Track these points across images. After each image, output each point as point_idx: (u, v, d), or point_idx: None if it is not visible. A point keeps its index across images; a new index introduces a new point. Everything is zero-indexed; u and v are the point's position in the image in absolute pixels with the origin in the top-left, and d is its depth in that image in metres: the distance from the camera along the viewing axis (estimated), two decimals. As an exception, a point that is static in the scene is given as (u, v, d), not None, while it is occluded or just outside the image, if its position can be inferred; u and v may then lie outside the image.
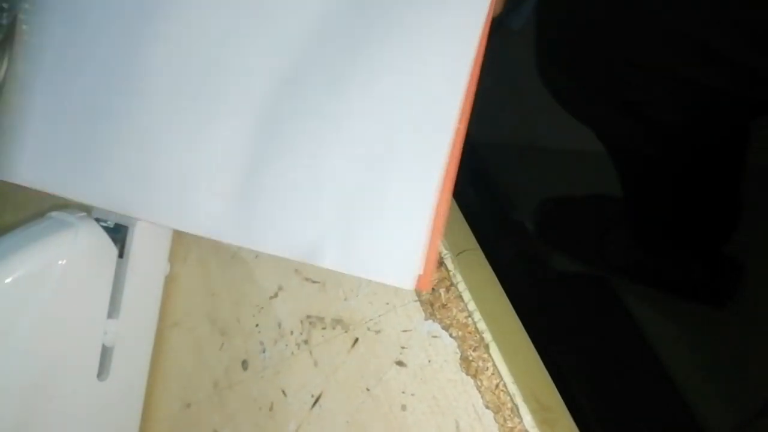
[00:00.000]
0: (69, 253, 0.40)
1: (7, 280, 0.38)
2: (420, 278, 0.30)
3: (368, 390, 0.33)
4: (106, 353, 0.42)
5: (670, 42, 0.47)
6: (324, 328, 0.35)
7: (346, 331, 0.34)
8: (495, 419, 0.29)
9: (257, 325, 0.39)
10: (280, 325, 0.38)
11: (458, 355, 0.30)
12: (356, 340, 0.34)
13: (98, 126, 0.38)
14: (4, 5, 0.67)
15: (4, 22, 0.68)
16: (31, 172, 0.42)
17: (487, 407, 0.29)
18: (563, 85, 0.60)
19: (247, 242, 0.33)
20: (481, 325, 0.30)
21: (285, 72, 0.33)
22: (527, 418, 0.28)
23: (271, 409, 0.37)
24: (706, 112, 0.55)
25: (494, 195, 0.43)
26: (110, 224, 0.42)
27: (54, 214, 0.43)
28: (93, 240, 0.41)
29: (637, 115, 0.57)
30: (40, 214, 0.48)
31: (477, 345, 0.30)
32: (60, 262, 0.40)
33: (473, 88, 0.29)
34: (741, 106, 0.53)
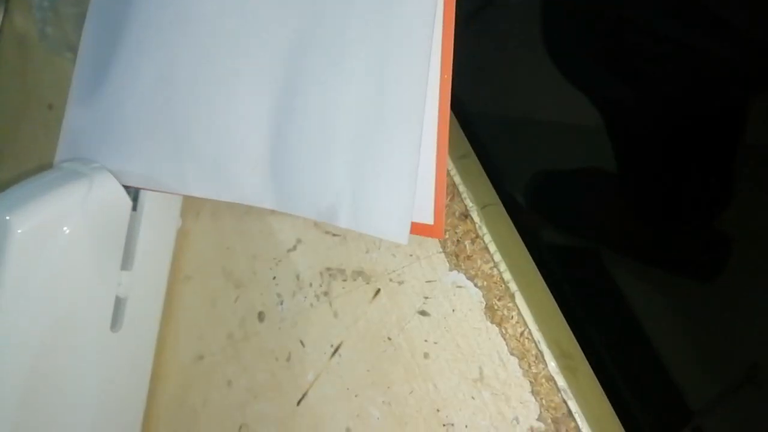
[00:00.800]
0: (83, 205, 0.40)
1: (20, 231, 0.38)
2: (431, 227, 0.31)
3: (390, 339, 0.34)
4: (119, 305, 0.42)
5: (677, 6, 0.48)
6: (345, 280, 0.36)
7: (367, 283, 0.35)
8: (520, 365, 0.29)
9: (274, 278, 0.39)
10: (298, 277, 0.38)
11: (483, 305, 0.31)
12: (378, 290, 0.34)
13: (137, 112, 0.39)
14: (1, -46, 0.65)
15: (1, -28, 0.66)
16: (73, 152, 0.43)
17: (512, 354, 0.30)
18: (566, 51, 0.60)
19: (284, 207, 0.34)
20: (506, 276, 0.30)
21: (291, 42, 0.34)
22: (551, 364, 0.29)
23: (288, 359, 0.38)
24: (707, 83, 0.55)
25: (509, 158, 0.44)
26: (123, 176, 0.42)
27: (66, 164, 0.43)
28: (107, 191, 0.41)
29: (639, 83, 0.58)
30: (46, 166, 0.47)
31: (502, 294, 0.30)
32: (74, 213, 0.40)
33: (450, 38, 0.30)
34: (744, 80, 0.54)
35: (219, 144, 0.36)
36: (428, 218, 0.31)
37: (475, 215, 0.32)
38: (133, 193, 0.42)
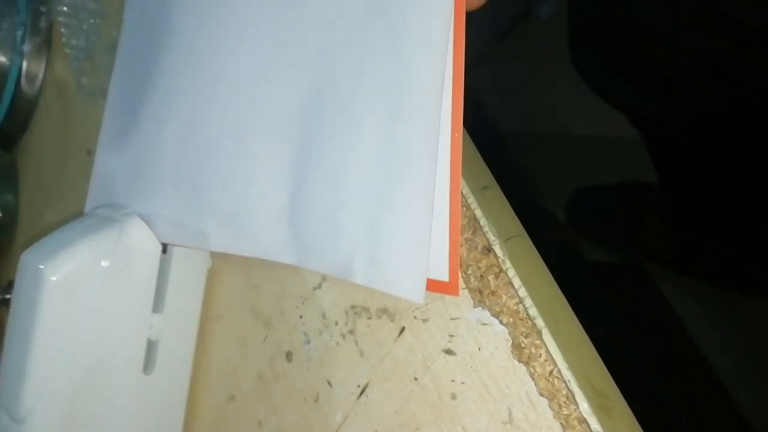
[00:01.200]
0: (114, 250, 0.41)
1: (53, 278, 0.38)
2: (446, 285, 0.30)
3: (416, 379, 0.33)
4: (151, 347, 0.42)
5: (708, 20, 0.46)
6: (369, 318, 0.35)
7: (392, 321, 0.34)
8: (550, 406, 0.28)
9: (301, 317, 0.39)
10: (324, 316, 0.38)
11: (509, 342, 0.30)
12: (402, 329, 0.34)
13: (161, 165, 0.40)
14: (42, 9, 0.68)
15: (43, 25, 0.69)
16: (103, 199, 0.45)
17: (542, 394, 0.28)
18: (597, 70, 0.59)
19: (304, 263, 0.35)
20: (533, 312, 0.29)
21: (307, 98, 0.35)
22: (584, 405, 0.27)
23: (316, 400, 0.37)
24: (745, 93, 0.53)
25: (532, 183, 0.42)
26: (152, 219, 0.42)
27: (99, 210, 0.44)
28: (137, 236, 0.42)
29: (674, 97, 0.56)
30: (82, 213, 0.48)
31: (529, 331, 0.29)
32: (105, 258, 0.40)
33: (459, 90, 0.30)
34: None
35: (238, 199, 0.37)
36: (443, 275, 0.31)
37: (498, 249, 0.31)
38: (163, 236, 0.43)
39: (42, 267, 0.38)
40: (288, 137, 0.35)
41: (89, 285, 0.40)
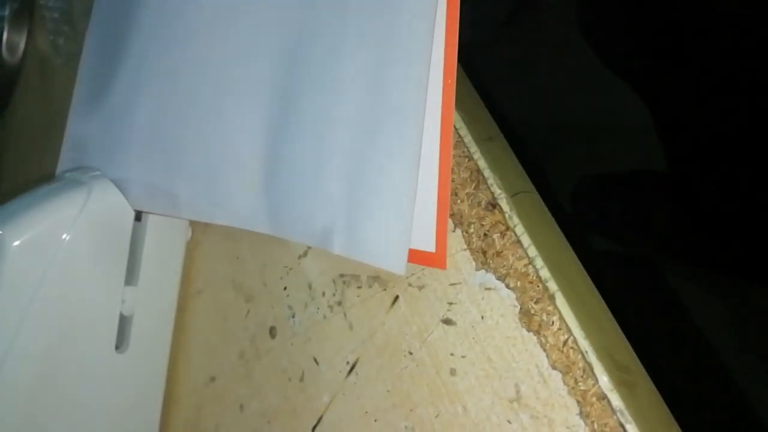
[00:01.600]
0: (81, 215, 0.37)
1: (15, 243, 0.35)
2: (432, 256, 0.27)
3: (411, 354, 0.29)
4: (124, 323, 0.39)
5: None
6: (359, 287, 0.31)
7: (384, 289, 0.30)
8: (564, 381, 0.24)
9: (285, 288, 0.35)
10: (310, 287, 0.34)
11: (517, 309, 0.26)
12: (396, 298, 0.30)
13: (133, 128, 0.38)
14: (21, -27, 0.64)
15: (22, -9, 0.65)
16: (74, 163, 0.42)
17: (554, 367, 0.25)
18: (609, 38, 0.55)
19: (278, 232, 0.32)
20: (544, 273, 0.25)
21: (286, 58, 0.32)
22: (603, 379, 0.23)
23: (301, 379, 0.34)
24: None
25: (546, 141, 0.39)
26: (127, 185, 0.39)
27: (67, 174, 0.41)
28: (107, 200, 0.38)
29: (690, 75, 0.52)
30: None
31: (540, 296, 0.25)
32: (71, 223, 0.37)
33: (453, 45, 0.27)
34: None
35: (212, 163, 0.34)
36: (429, 245, 0.27)
37: (504, 204, 0.27)
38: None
39: (1, 232, 0.35)
40: (265, 95, 0.32)
41: (53, 252, 0.36)
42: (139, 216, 0.39)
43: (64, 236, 0.36)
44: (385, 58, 0.28)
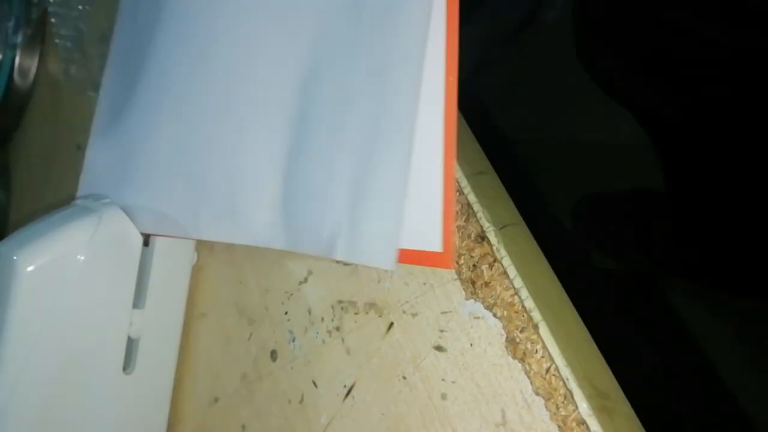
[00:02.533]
0: (92, 241, 0.39)
1: (29, 268, 0.37)
2: (439, 256, 0.28)
3: (405, 378, 0.31)
4: (131, 345, 0.40)
5: (726, 7, 0.44)
6: (356, 313, 0.33)
7: (380, 316, 0.32)
8: (546, 406, 0.26)
9: (286, 313, 0.37)
10: (310, 312, 0.35)
11: (503, 337, 0.27)
12: (391, 324, 0.31)
13: (153, 154, 0.39)
14: (33, 0, 0.67)
15: (34, 16, 0.68)
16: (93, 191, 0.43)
17: (537, 393, 0.26)
18: (609, 69, 0.57)
19: (294, 247, 0.33)
20: (529, 304, 0.27)
21: (298, 73, 0.33)
22: (583, 406, 0.25)
23: (301, 401, 0.35)
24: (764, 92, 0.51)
25: (536, 174, 0.40)
26: (135, 211, 0.41)
27: (78, 201, 0.42)
28: (117, 227, 0.40)
29: (690, 94, 0.54)
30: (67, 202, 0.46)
31: (524, 325, 0.27)
32: (82, 249, 0.38)
33: (454, 56, 0.29)
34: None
35: (233, 185, 0.35)
36: (436, 245, 0.28)
37: (493, 237, 0.28)
38: (145, 229, 0.41)
39: (15, 258, 0.37)
40: (284, 116, 0.34)
41: (64, 277, 0.38)
42: (146, 241, 0.41)
43: (75, 262, 0.38)
44: (383, 65, 0.30)
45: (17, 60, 0.68)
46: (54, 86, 0.66)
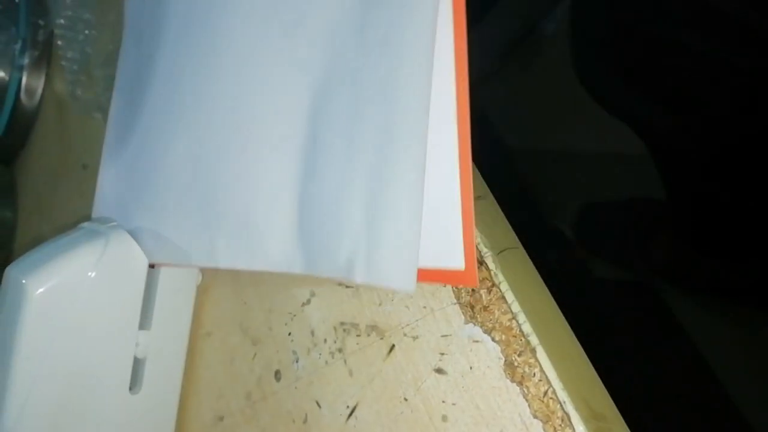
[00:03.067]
0: (99, 264, 0.39)
1: (38, 292, 0.37)
2: (462, 274, 0.28)
3: (406, 400, 0.31)
4: (138, 365, 0.41)
5: (720, 22, 0.45)
6: (359, 335, 0.34)
7: (381, 338, 0.33)
8: (544, 429, 0.26)
9: (290, 334, 0.38)
10: (313, 333, 0.36)
11: (502, 361, 0.28)
12: (392, 346, 0.32)
13: (164, 181, 0.39)
14: (40, 22, 0.68)
15: (41, 38, 0.69)
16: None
17: (535, 416, 0.27)
18: (606, 83, 0.58)
19: (312, 270, 0.33)
20: (526, 328, 0.28)
21: (314, 104, 0.33)
22: (580, 428, 0.26)
23: (305, 421, 0.36)
24: (759, 100, 0.52)
25: (535, 197, 0.41)
26: (141, 233, 0.41)
27: (85, 224, 0.43)
28: (123, 249, 0.40)
29: (685, 108, 0.54)
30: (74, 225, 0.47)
31: (522, 349, 0.27)
32: (89, 273, 0.39)
33: (463, 77, 0.29)
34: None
35: (247, 211, 0.35)
36: (458, 263, 0.28)
37: (491, 262, 0.29)
38: (151, 250, 0.41)
39: (24, 281, 0.37)
40: (297, 140, 0.34)
41: (73, 300, 0.38)
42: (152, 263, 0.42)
43: (83, 285, 0.38)
44: (393, 80, 0.30)
45: (24, 81, 0.70)
46: (60, 107, 0.67)
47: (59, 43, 0.62)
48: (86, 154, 0.61)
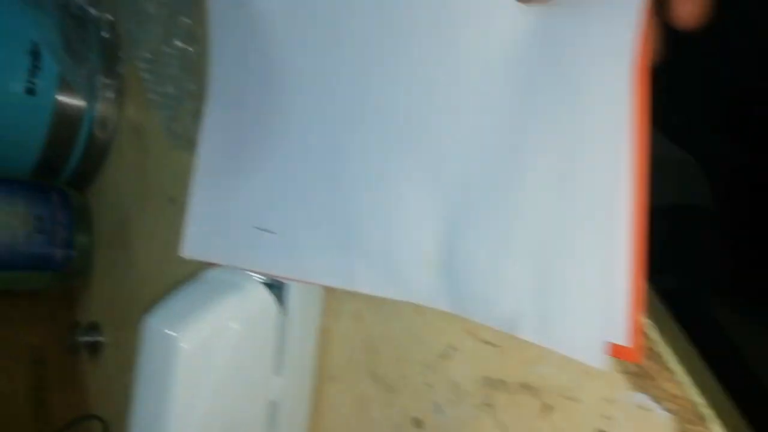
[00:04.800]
0: (239, 315, 0.41)
1: (187, 346, 0.39)
2: (626, 350, 0.30)
3: (566, 457, 0.33)
4: (273, 409, 0.43)
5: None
6: (508, 392, 0.36)
7: (535, 397, 0.35)
8: (723, 496, 0.29)
9: (428, 384, 0.39)
10: (456, 386, 0.38)
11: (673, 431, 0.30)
12: (548, 406, 0.34)
13: (293, 206, 0.40)
14: (120, 54, 0.69)
15: (120, 71, 0.70)
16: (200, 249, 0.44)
17: (713, 484, 0.29)
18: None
19: (459, 310, 0.34)
20: (695, 397, 0.30)
21: (467, 139, 0.33)
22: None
23: (451, 468, 0.38)
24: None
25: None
26: (267, 280, 0.43)
27: (214, 274, 0.45)
28: (259, 300, 0.42)
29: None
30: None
31: (693, 418, 0.30)
32: (231, 323, 0.41)
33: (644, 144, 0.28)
34: None
35: (389, 241, 0.36)
36: (621, 338, 0.29)
37: (651, 330, 0.31)
38: (277, 297, 0.43)
39: (175, 335, 0.39)
40: (439, 180, 0.33)
41: (217, 351, 0.40)
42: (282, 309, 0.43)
43: (227, 336, 0.40)
44: (574, 155, 0.29)
45: (100, 110, 0.71)
46: (138, 137, 0.67)
47: (145, 76, 0.63)
48: (172, 187, 0.62)
